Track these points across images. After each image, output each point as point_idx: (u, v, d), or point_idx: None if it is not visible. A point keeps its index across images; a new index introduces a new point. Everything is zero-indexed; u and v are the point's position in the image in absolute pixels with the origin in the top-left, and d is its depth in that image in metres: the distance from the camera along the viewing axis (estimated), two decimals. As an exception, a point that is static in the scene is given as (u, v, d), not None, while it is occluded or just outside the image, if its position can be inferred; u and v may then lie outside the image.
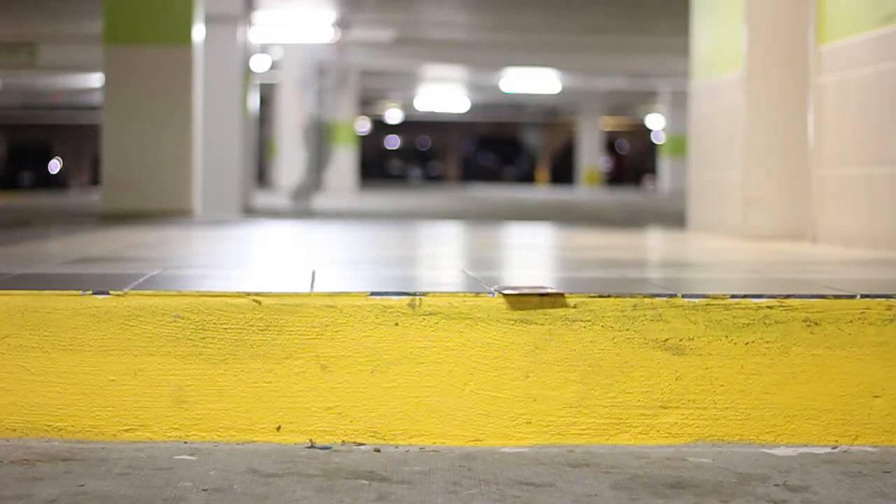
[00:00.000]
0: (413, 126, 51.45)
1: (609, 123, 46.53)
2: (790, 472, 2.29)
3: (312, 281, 2.81)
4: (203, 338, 2.49)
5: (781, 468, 2.32)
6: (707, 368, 2.51)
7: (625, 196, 24.43)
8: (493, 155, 50.19)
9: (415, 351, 2.50)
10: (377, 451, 2.43)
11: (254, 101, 13.39)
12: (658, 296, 2.53)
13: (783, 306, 2.53)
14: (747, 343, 2.52)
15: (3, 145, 46.91)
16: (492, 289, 2.59)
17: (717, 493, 2.11)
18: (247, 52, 12.30)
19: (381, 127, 51.93)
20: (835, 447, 2.50)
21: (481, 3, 17.27)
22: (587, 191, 32.61)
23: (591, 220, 8.67)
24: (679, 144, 30.42)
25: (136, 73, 8.76)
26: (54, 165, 42.42)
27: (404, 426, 2.49)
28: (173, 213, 8.68)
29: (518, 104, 42.59)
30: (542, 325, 2.51)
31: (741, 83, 5.77)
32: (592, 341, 2.51)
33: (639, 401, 2.50)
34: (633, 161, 49.92)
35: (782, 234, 5.67)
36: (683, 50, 20.06)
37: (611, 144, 48.75)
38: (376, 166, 49.56)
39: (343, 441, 2.48)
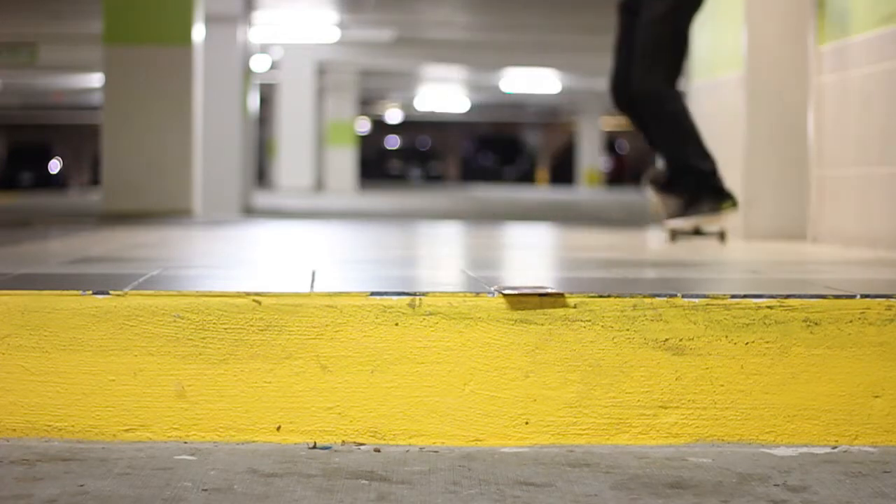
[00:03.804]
0: (413, 126, 51.47)
1: (609, 123, 46.54)
2: (790, 472, 2.29)
3: (312, 281, 2.81)
4: (203, 338, 2.49)
5: (781, 468, 2.32)
6: (707, 368, 2.52)
7: (625, 196, 24.43)
8: (493, 155, 50.19)
9: (415, 351, 2.50)
10: (377, 451, 2.43)
11: (254, 101, 13.40)
12: (658, 296, 2.53)
13: (783, 306, 2.53)
14: (747, 343, 2.52)
15: (3, 145, 46.90)
16: (492, 289, 2.59)
17: (717, 493, 2.11)
18: (247, 52, 12.31)
19: (381, 127, 51.94)
20: (835, 447, 2.50)
21: (481, 3, 17.27)
22: (587, 191, 32.60)
23: (591, 220, 8.67)
24: (679, 144, 30.35)
25: (136, 74, 8.76)
26: (54, 165, 42.42)
27: (404, 426, 2.49)
28: (173, 213, 8.69)
29: (518, 104, 42.60)
30: (542, 325, 2.51)
31: (741, 83, 5.77)
32: (592, 341, 2.51)
33: (639, 401, 2.50)
34: (633, 161, 49.92)
35: (782, 234, 5.67)
36: (683, 50, 20.03)
37: (611, 144, 48.76)
38: (376, 166, 49.57)
39: (343, 441, 2.48)
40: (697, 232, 5.29)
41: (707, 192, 5.19)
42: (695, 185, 5.19)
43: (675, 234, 5.22)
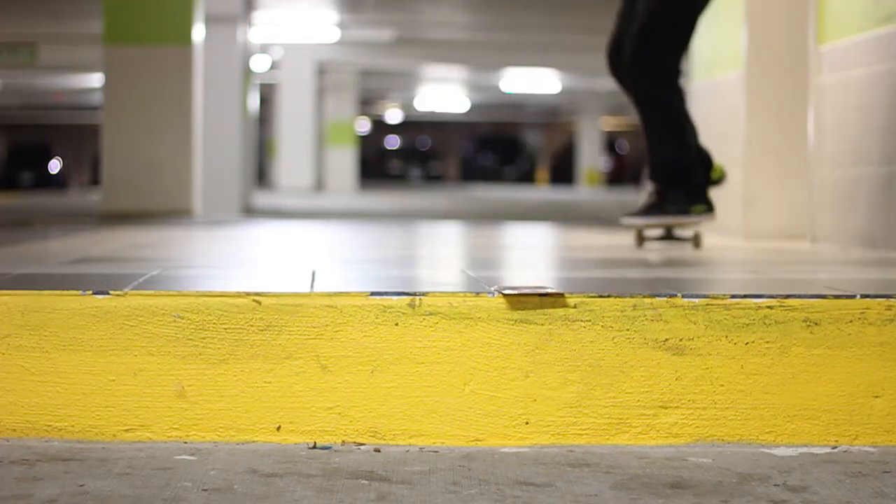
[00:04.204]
0: (413, 126, 51.48)
1: (609, 123, 46.55)
2: (790, 472, 2.29)
3: (312, 281, 2.81)
4: (203, 338, 2.49)
5: (781, 468, 2.32)
6: (707, 368, 2.52)
7: (625, 196, 24.43)
8: (493, 155, 50.20)
9: (415, 351, 2.50)
10: (377, 451, 2.43)
11: (254, 101, 13.40)
12: (658, 296, 2.53)
13: (783, 306, 2.53)
14: (747, 343, 2.52)
15: (3, 145, 46.90)
16: (492, 289, 2.59)
17: (717, 493, 2.11)
18: (247, 52, 12.30)
19: (381, 127, 51.96)
20: (835, 447, 2.50)
21: (481, 3, 17.27)
22: (587, 191, 32.61)
23: (590, 220, 8.67)
24: (679, 144, 30.33)
25: (136, 73, 8.76)
26: (54, 165, 42.42)
27: (404, 426, 2.49)
28: (173, 213, 8.69)
29: (518, 104, 42.61)
30: (542, 325, 2.51)
31: (741, 83, 5.77)
32: (592, 341, 2.51)
33: (639, 401, 2.50)
34: (633, 161, 49.92)
35: (782, 234, 5.67)
36: (683, 50, 20.02)
37: (611, 144, 48.76)
38: (376, 166, 49.58)
39: (343, 441, 2.48)
40: (668, 236, 4.73)
41: (677, 189, 4.63)
42: (665, 178, 4.64)
43: (641, 238, 4.67)
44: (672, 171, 4.62)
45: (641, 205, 4.70)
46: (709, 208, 4.65)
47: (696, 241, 4.62)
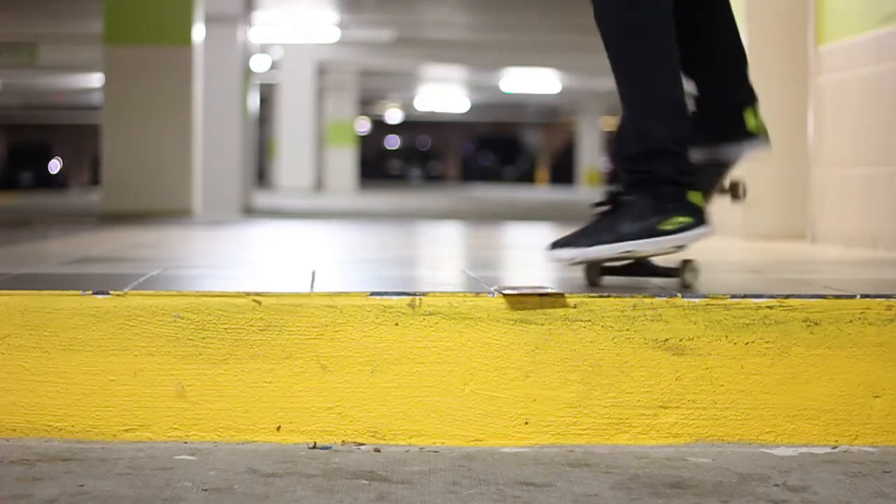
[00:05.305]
0: (413, 126, 51.50)
1: (609, 123, 46.57)
2: (790, 472, 2.29)
3: (312, 281, 2.81)
4: (203, 338, 2.49)
5: (781, 468, 2.32)
6: (707, 368, 2.52)
7: (625, 196, 24.39)
8: (493, 155, 50.21)
9: (415, 351, 2.50)
10: (377, 451, 2.43)
11: (254, 101, 13.40)
12: (658, 296, 2.53)
13: (783, 306, 2.53)
14: (747, 343, 2.52)
15: (3, 145, 46.89)
16: (492, 289, 2.58)
17: (717, 493, 2.11)
18: (247, 52, 12.31)
19: (381, 127, 51.98)
20: (835, 447, 2.50)
21: (481, 3, 17.28)
22: (587, 191, 32.61)
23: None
24: (679, 144, 30.32)
25: (136, 73, 8.76)
26: (54, 165, 42.42)
27: (404, 426, 2.49)
28: (173, 213, 8.68)
29: (518, 104, 42.61)
30: (542, 325, 2.50)
31: (741, 83, 5.76)
32: (592, 341, 2.51)
33: (639, 401, 2.50)
34: (633, 161, 49.87)
35: (782, 234, 5.67)
36: (683, 50, 20.02)
37: (611, 144, 48.77)
38: (376, 166, 49.59)
39: (343, 441, 2.48)
40: (641, 267, 2.82)
41: (641, 191, 2.73)
42: (624, 165, 2.78)
43: (593, 272, 2.79)
44: (631, 150, 2.78)
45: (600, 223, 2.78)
46: (696, 221, 2.78)
47: (684, 273, 2.78)
